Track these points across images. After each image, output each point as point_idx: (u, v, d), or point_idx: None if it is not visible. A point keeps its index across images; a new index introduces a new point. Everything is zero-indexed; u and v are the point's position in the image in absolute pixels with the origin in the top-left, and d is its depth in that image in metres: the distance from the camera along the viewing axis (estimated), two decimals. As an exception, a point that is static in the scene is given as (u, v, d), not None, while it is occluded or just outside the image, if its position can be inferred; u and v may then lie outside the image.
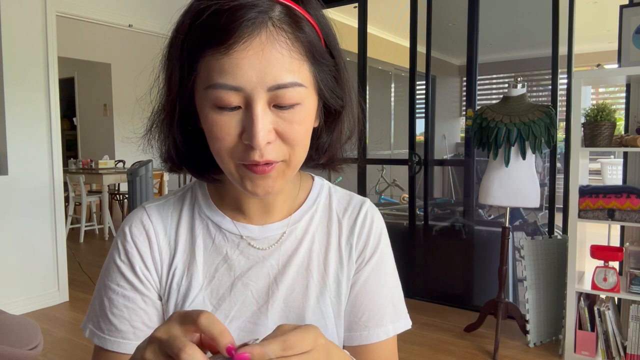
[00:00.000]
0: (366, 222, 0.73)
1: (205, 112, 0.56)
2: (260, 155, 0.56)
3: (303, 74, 0.56)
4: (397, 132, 5.79)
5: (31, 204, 3.47)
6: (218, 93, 0.54)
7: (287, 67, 0.54)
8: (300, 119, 0.57)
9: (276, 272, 0.68)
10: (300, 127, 0.57)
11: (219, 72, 0.54)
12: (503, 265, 2.83)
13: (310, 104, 0.58)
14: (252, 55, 0.53)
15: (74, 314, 3.45)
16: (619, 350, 2.48)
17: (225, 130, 0.56)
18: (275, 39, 0.54)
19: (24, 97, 3.39)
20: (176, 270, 0.68)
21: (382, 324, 0.71)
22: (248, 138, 0.55)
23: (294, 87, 0.55)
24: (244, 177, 0.59)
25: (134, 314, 0.66)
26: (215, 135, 0.57)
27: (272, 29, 0.54)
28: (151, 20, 4.10)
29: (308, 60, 0.57)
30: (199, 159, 0.65)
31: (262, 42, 0.53)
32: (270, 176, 0.58)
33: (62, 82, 4.43)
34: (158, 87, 0.62)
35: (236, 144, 0.57)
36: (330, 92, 0.61)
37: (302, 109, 0.57)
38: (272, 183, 0.59)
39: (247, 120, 0.55)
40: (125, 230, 0.69)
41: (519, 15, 3.85)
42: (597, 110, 2.50)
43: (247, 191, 0.60)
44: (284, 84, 0.54)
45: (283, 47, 0.54)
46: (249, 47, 0.53)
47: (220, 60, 0.53)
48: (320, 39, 0.58)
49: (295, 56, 0.55)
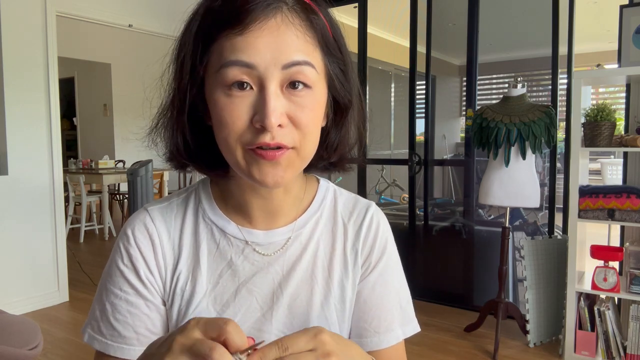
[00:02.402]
0: (372, 227, 0.72)
1: (214, 98, 0.56)
2: (271, 138, 0.55)
3: (316, 59, 0.57)
4: (397, 132, 5.77)
5: (31, 204, 3.47)
6: (231, 71, 0.54)
7: (301, 48, 0.55)
8: (312, 104, 0.57)
9: (281, 278, 0.67)
10: (311, 113, 0.57)
11: (233, 50, 0.54)
12: (503, 265, 2.82)
13: (320, 91, 0.59)
14: (267, 34, 0.54)
15: (74, 314, 3.45)
16: (619, 350, 2.48)
17: (235, 114, 0.55)
18: (290, 22, 0.55)
19: (24, 97, 3.39)
20: (180, 275, 0.66)
21: (392, 329, 0.71)
22: (260, 119, 0.54)
23: (307, 66, 0.56)
24: (251, 165, 0.57)
25: (138, 319, 0.65)
26: (224, 121, 0.56)
27: (287, 13, 0.55)
28: (151, 20, 4.10)
29: (320, 48, 0.58)
30: (207, 157, 0.64)
31: (277, 23, 0.54)
32: (280, 164, 0.57)
33: (62, 82, 4.43)
34: (168, 81, 0.61)
35: (246, 128, 0.56)
36: (339, 84, 0.61)
37: (313, 93, 0.57)
38: (282, 173, 0.58)
39: (259, 101, 0.55)
40: (128, 233, 0.67)
41: (519, 15, 3.84)
42: (597, 110, 2.50)
43: (255, 180, 0.58)
44: (298, 61, 0.55)
45: (298, 29, 0.55)
46: (264, 26, 0.54)
47: (234, 39, 0.54)
48: (330, 35, 0.60)
49: (309, 40, 0.56)
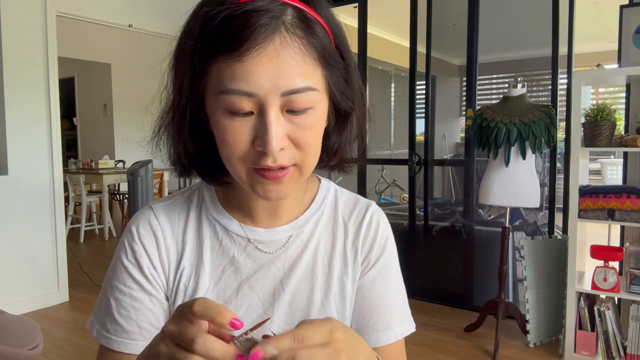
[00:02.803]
0: (372, 225, 0.73)
1: (216, 117, 0.56)
2: (273, 161, 0.55)
3: (316, 78, 0.56)
4: (397, 132, 5.77)
5: (31, 204, 3.47)
6: (231, 99, 0.53)
7: (301, 72, 0.54)
8: (313, 124, 0.57)
9: (282, 276, 0.68)
10: (312, 132, 0.57)
11: (232, 78, 0.53)
12: (503, 265, 2.82)
13: (322, 107, 0.58)
14: (265, 61, 0.52)
15: (74, 314, 3.45)
16: (619, 350, 2.48)
17: (237, 137, 0.55)
18: (288, 44, 0.53)
19: (24, 97, 3.39)
20: (184, 271, 0.68)
21: (390, 327, 0.71)
22: (261, 145, 0.54)
23: (307, 92, 0.54)
24: (255, 183, 0.58)
25: (141, 314, 0.66)
26: (227, 142, 0.56)
27: (285, 35, 0.53)
28: (151, 20, 4.10)
29: (320, 65, 0.56)
30: (209, 163, 0.64)
31: (275, 48, 0.52)
32: (283, 182, 0.58)
33: (62, 82, 4.43)
34: (167, 91, 0.61)
35: (248, 150, 0.56)
36: (341, 95, 0.60)
37: (314, 113, 0.56)
38: (285, 188, 0.59)
39: (260, 126, 0.54)
40: (133, 230, 0.68)
41: (519, 15, 3.84)
42: (597, 110, 2.50)
43: (259, 196, 0.60)
44: (298, 89, 0.54)
45: (297, 52, 0.53)
46: (262, 53, 0.52)
47: (233, 66, 0.53)
48: (331, 41, 0.58)
49: (309, 61, 0.55)
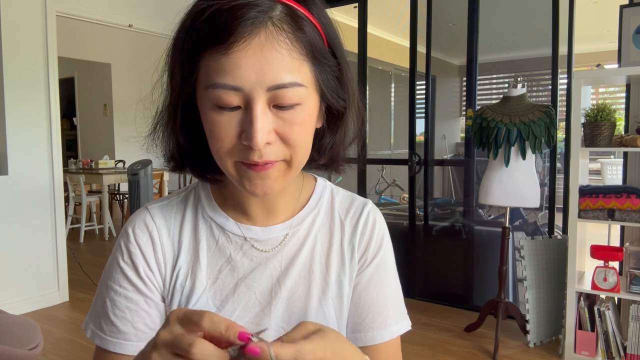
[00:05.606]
0: (368, 223, 0.73)
1: (206, 111, 0.57)
2: (259, 156, 0.56)
3: (303, 74, 0.56)
4: (397, 132, 5.78)
5: (31, 204, 3.47)
6: (218, 93, 0.54)
7: (287, 67, 0.54)
8: (301, 120, 0.57)
9: (279, 274, 0.68)
10: (300, 128, 0.57)
11: (218, 72, 0.54)
12: (503, 265, 2.82)
13: (311, 104, 0.58)
14: (251, 55, 0.53)
15: (74, 314, 3.45)
16: (619, 350, 2.48)
17: (225, 130, 0.56)
18: (274, 38, 0.53)
19: (24, 97, 3.39)
20: (180, 272, 0.68)
21: (386, 325, 0.71)
22: (247, 139, 0.55)
23: (293, 87, 0.54)
24: (242, 177, 0.59)
25: (137, 315, 0.66)
26: (215, 135, 0.57)
27: (271, 29, 0.53)
28: (151, 20, 4.10)
29: (309, 60, 0.56)
30: (201, 159, 0.65)
31: (261, 42, 0.53)
32: (270, 176, 0.58)
33: (62, 82, 4.42)
34: (161, 88, 0.62)
35: (235, 144, 0.56)
36: (332, 93, 0.60)
37: (302, 109, 0.56)
38: (272, 183, 0.59)
39: (246, 120, 0.55)
40: (129, 231, 0.68)
41: (519, 15, 3.84)
42: (597, 110, 2.50)
43: (246, 190, 0.60)
44: (284, 84, 0.54)
45: (282, 46, 0.53)
46: (248, 46, 0.52)
47: (220, 60, 0.53)
48: (323, 39, 0.58)
49: (295, 56, 0.55)
